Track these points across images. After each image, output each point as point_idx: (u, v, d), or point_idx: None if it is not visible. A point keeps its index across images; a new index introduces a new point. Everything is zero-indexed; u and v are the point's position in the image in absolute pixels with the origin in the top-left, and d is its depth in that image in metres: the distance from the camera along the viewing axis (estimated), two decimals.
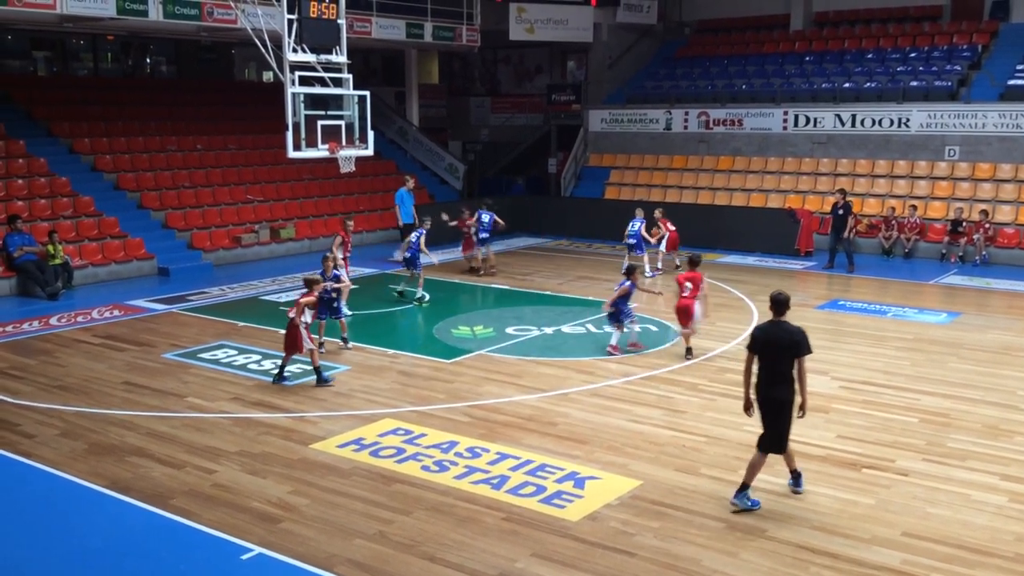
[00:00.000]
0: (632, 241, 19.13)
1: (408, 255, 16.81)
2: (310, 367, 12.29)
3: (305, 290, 11.70)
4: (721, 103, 26.46)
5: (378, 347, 13.42)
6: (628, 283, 12.86)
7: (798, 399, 7.91)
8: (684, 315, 12.75)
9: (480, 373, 12.10)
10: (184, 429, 10.00)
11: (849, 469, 8.66)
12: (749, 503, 7.97)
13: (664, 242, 19.55)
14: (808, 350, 7.86)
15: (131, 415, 10.46)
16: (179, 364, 12.59)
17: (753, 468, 8.02)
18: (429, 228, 17.16)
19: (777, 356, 7.86)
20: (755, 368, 8.00)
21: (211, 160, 23.70)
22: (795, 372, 7.85)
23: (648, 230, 19.30)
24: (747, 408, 8.08)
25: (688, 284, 12.69)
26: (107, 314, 15.63)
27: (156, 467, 8.93)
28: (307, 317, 11.52)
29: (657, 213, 19.81)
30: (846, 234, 19.81)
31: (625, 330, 13.14)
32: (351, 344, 13.26)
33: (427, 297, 16.60)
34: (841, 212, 19.74)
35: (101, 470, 8.85)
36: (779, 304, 8.06)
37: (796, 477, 8.32)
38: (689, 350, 12.82)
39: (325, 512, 7.94)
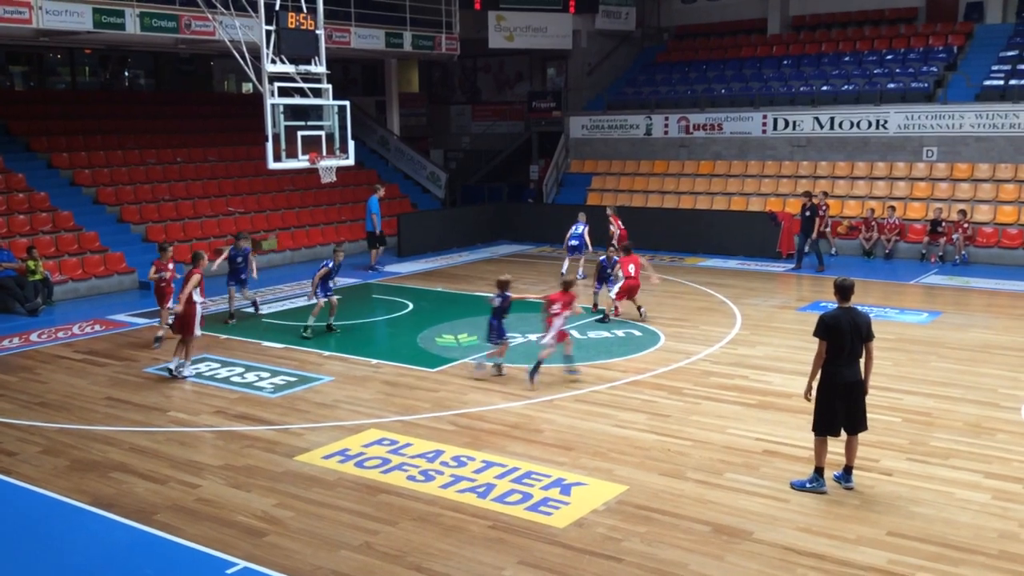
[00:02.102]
0: (574, 243, 19.26)
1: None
2: (295, 378, 12.30)
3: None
4: (701, 108, 26.59)
5: (362, 357, 13.38)
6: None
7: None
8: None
9: (465, 381, 12.08)
10: (167, 444, 9.93)
11: (833, 469, 8.68)
12: (822, 486, 8.40)
13: (615, 239, 19.62)
14: (874, 334, 8.37)
15: (113, 430, 10.38)
16: (161, 378, 12.49)
17: (822, 451, 8.46)
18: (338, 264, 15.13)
19: (854, 340, 8.20)
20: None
21: (191, 172, 23.60)
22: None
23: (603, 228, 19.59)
24: (808, 394, 8.50)
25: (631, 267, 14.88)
26: (88, 329, 15.52)
27: (139, 482, 8.86)
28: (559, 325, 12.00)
29: (609, 210, 19.82)
30: (814, 235, 20.11)
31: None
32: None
33: (310, 332, 14.67)
34: (808, 214, 19.99)
35: (84, 487, 8.78)
36: (846, 290, 8.38)
37: (848, 472, 8.53)
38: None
39: (310, 524, 7.90)
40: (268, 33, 14.25)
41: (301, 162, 14.76)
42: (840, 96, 24.96)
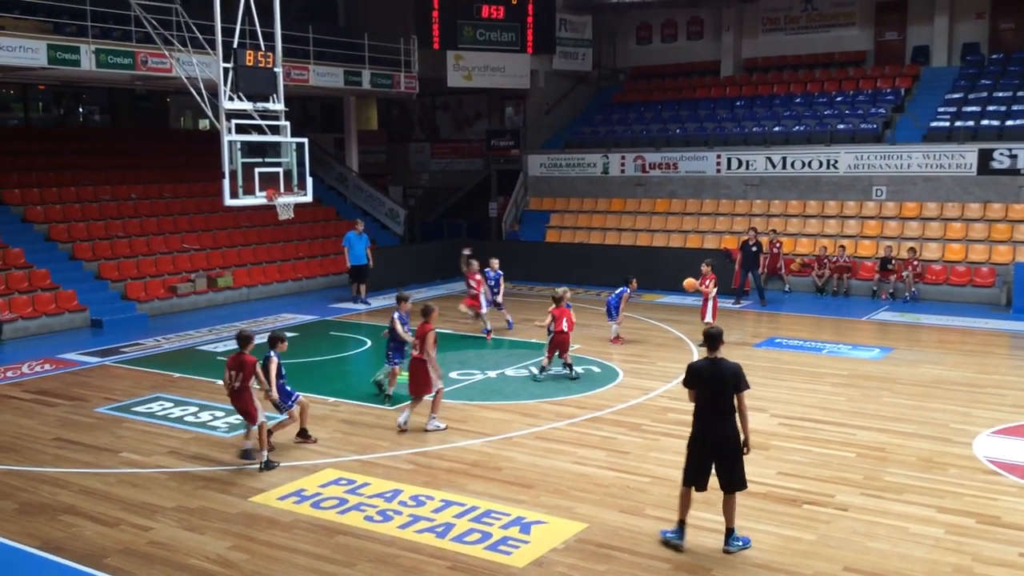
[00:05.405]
0: (499, 300, 18.18)
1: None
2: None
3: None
4: (656, 147, 26.97)
5: (319, 395, 13.23)
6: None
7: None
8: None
9: (424, 419, 12.00)
10: (119, 485, 9.73)
11: (790, 505, 8.76)
12: (680, 539, 8.02)
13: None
14: (747, 385, 7.85)
15: (63, 472, 10.15)
16: (113, 418, 12.27)
17: (686, 503, 8.04)
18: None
19: (720, 392, 7.80)
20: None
21: (146, 209, 23.36)
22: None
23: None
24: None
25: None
26: (38, 368, 15.21)
27: (89, 525, 8.66)
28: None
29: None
30: (760, 271, 20.74)
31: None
32: None
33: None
34: (755, 250, 20.39)
35: (32, 530, 8.56)
36: (714, 339, 8.02)
37: (730, 534, 8.00)
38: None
39: (266, 567, 7.76)
40: (226, 71, 14.21)
41: (258, 199, 14.67)
42: (791, 136, 25.49)
